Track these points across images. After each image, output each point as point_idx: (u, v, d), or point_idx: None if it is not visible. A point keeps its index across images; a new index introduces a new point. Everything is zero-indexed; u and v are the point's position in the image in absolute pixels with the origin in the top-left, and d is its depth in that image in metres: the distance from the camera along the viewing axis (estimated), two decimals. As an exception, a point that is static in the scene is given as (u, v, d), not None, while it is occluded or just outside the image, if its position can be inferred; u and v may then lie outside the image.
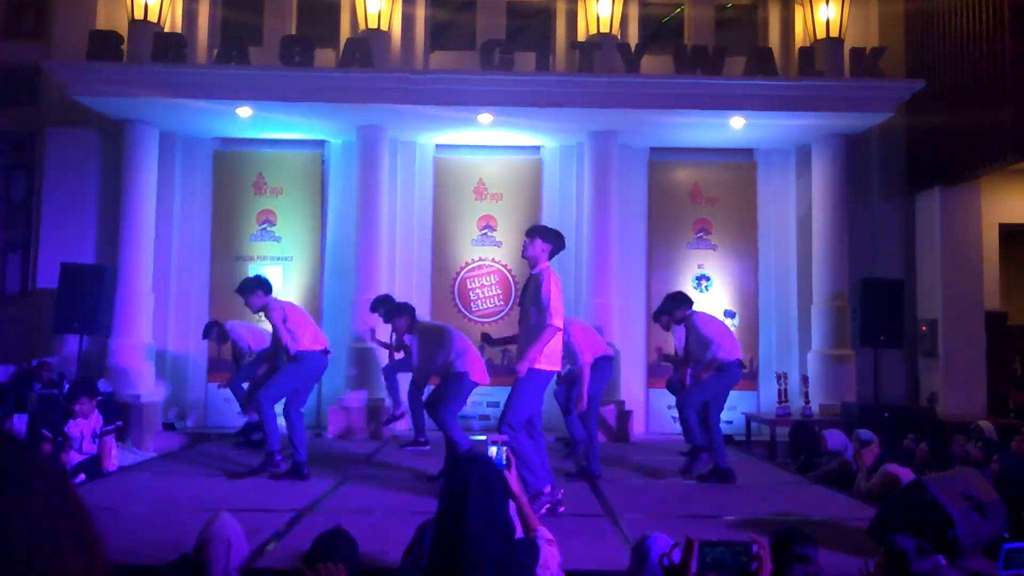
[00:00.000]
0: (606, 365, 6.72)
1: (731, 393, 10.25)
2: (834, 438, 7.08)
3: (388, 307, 7.23)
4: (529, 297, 5.15)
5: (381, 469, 6.72)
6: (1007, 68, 8.58)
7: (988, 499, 4.16)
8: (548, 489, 5.00)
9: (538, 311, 5.01)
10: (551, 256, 5.24)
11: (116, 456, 6.67)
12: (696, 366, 6.55)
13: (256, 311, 6.43)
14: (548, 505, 4.97)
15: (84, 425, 6.47)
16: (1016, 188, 10.21)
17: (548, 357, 5.08)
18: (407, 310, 6.91)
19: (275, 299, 6.44)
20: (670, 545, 2.88)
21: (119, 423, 7.00)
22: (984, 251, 10.02)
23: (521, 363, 5.00)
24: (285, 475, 6.09)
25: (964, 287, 9.79)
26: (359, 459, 7.25)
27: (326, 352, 6.48)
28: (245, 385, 7.76)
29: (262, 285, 6.37)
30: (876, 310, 9.18)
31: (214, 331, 8.19)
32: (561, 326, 5.08)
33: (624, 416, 9.04)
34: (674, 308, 6.75)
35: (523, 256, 5.22)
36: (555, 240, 5.24)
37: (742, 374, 6.76)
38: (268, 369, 6.98)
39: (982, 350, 9.78)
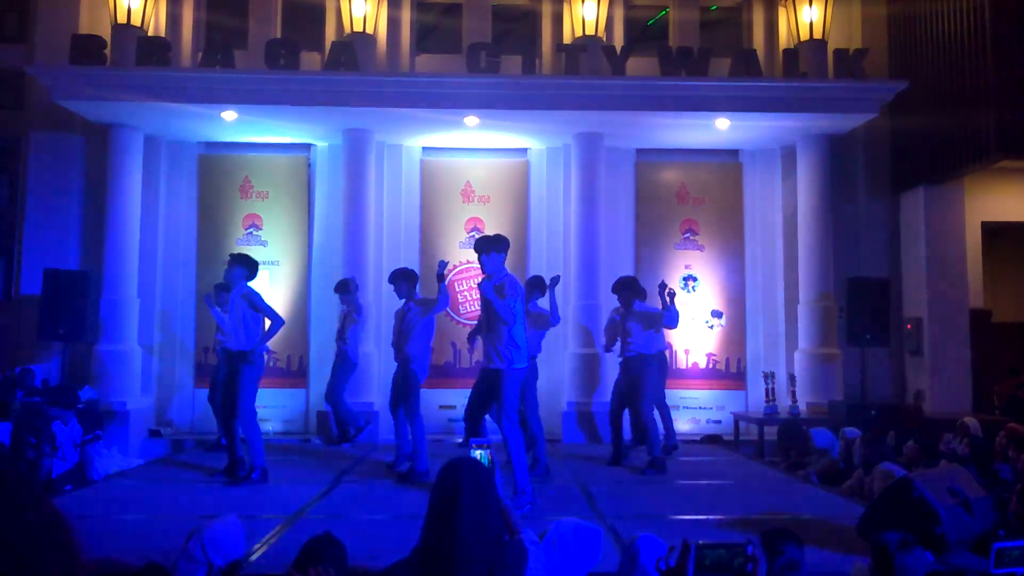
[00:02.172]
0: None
1: (720, 392, 10.32)
2: (821, 436, 7.12)
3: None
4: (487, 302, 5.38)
5: (370, 471, 6.69)
6: (988, 69, 8.67)
7: (975, 495, 4.19)
8: (530, 490, 5.16)
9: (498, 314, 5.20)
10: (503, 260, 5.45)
11: (100, 464, 6.61)
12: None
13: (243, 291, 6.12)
14: (529, 505, 5.07)
15: (65, 432, 6.42)
16: (999, 187, 10.30)
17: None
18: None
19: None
20: (660, 546, 2.88)
21: (99, 432, 6.94)
22: (968, 249, 10.10)
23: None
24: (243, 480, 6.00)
25: (948, 285, 9.86)
26: (347, 463, 7.22)
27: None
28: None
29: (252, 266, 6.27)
30: (862, 309, 9.23)
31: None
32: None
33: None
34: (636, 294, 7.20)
35: (485, 272, 5.36)
36: (502, 247, 5.42)
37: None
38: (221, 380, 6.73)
39: (967, 347, 9.85)
